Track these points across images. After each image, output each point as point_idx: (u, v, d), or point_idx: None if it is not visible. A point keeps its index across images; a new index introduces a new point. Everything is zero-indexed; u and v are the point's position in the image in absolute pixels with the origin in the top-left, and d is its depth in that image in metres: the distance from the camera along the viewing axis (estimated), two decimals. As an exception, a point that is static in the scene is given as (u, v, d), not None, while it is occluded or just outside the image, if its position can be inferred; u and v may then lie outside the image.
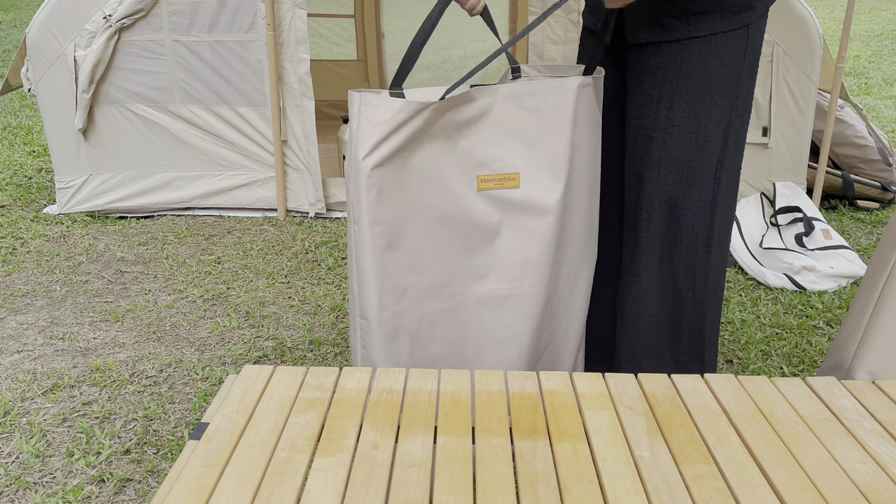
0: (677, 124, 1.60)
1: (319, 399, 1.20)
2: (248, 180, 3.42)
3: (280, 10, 3.16)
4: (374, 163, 1.41)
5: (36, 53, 3.19)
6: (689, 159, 1.62)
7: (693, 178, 1.63)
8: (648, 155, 1.64)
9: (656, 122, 1.61)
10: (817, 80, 3.16)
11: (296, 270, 2.92)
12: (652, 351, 1.78)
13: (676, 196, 1.64)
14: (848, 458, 1.07)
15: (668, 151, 1.61)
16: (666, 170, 1.63)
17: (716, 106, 1.59)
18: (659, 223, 1.67)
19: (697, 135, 1.60)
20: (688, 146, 1.61)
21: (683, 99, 1.58)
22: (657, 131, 1.62)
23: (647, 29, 1.58)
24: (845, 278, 2.78)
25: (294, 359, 2.31)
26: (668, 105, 1.59)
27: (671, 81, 1.59)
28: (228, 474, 1.02)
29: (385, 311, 1.51)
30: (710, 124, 1.60)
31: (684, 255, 1.69)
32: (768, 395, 1.23)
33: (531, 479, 1.01)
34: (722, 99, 1.59)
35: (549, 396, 1.22)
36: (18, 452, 1.88)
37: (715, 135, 1.61)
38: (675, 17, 1.55)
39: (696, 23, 1.55)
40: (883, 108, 5.55)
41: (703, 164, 1.62)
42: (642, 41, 1.59)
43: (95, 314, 2.58)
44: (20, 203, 3.58)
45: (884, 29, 9.58)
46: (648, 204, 1.66)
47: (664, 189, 1.64)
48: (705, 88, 1.58)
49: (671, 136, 1.60)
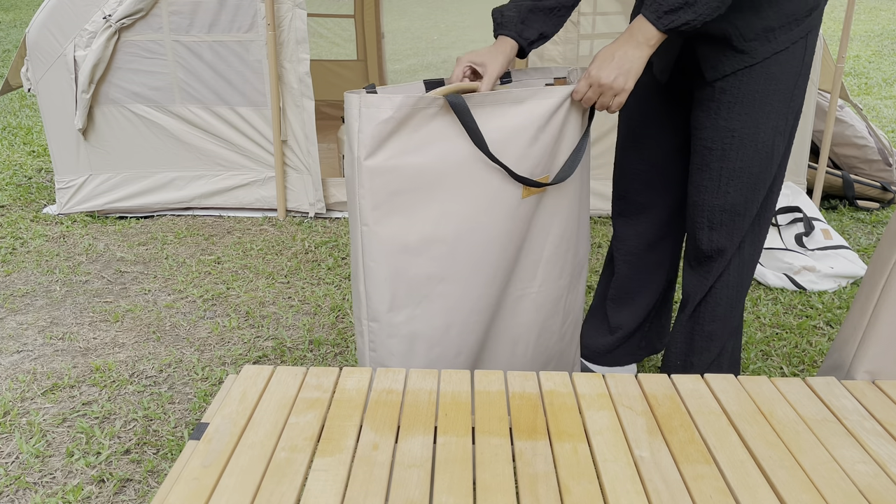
0: (737, 134, 1.59)
1: (319, 399, 1.19)
2: (248, 180, 3.42)
3: (280, 10, 3.16)
4: (379, 163, 1.40)
5: (36, 53, 3.19)
6: (749, 168, 1.61)
7: (754, 186, 1.63)
8: (709, 165, 1.64)
9: (715, 132, 1.61)
10: (817, 80, 3.16)
11: (296, 270, 2.92)
12: (717, 352, 1.81)
13: (740, 205, 1.65)
14: (848, 458, 1.07)
15: (728, 161, 1.61)
16: (727, 179, 1.62)
17: (774, 112, 1.57)
18: (722, 232, 1.68)
19: (756, 143, 1.59)
20: (747, 156, 1.60)
21: (744, 109, 1.57)
22: (716, 142, 1.61)
23: (729, 60, 1.55)
24: (845, 278, 2.78)
25: (294, 359, 2.31)
26: (727, 116, 1.58)
27: (731, 92, 1.57)
28: (228, 474, 1.01)
29: (398, 313, 1.50)
30: (768, 131, 1.58)
31: (747, 257, 1.72)
32: (768, 396, 1.23)
33: (531, 480, 1.01)
34: (780, 106, 1.57)
35: (549, 396, 1.22)
36: (18, 452, 1.88)
37: (773, 142, 1.60)
38: (755, 40, 1.52)
39: (776, 38, 1.52)
40: (883, 108, 5.55)
41: (762, 171, 1.62)
42: (726, 73, 1.56)
43: (95, 314, 2.58)
44: (20, 203, 3.58)
45: (884, 29, 9.58)
46: (710, 214, 1.67)
47: (726, 198, 1.64)
48: (765, 97, 1.56)
49: (731, 146, 1.60)
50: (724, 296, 1.75)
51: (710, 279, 1.74)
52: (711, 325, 1.77)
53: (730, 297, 1.75)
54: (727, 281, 1.74)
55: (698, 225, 1.70)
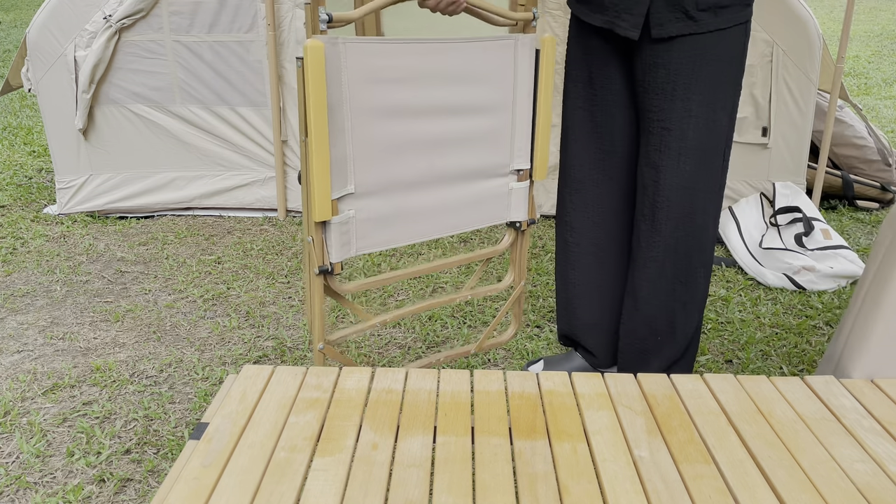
0: (694, 115, 1.68)
1: (319, 399, 1.20)
2: (249, 180, 3.42)
3: (280, 11, 3.16)
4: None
5: (36, 53, 3.19)
6: (703, 146, 1.71)
7: (706, 162, 1.72)
8: (668, 146, 1.71)
9: (672, 115, 1.69)
10: (817, 81, 3.16)
11: (296, 270, 2.92)
12: (666, 329, 1.85)
13: (692, 181, 1.73)
14: (846, 457, 1.08)
15: (687, 141, 1.70)
16: (685, 158, 1.71)
17: (724, 94, 1.69)
18: (676, 208, 1.75)
19: (709, 122, 1.69)
20: (701, 134, 1.70)
21: (699, 90, 1.67)
22: (675, 122, 1.69)
23: (677, 22, 1.64)
24: (845, 278, 2.78)
25: (294, 359, 2.31)
26: (685, 97, 1.67)
27: (685, 75, 1.66)
28: (228, 474, 1.02)
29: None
30: (718, 111, 1.69)
31: (698, 234, 1.78)
32: (767, 395, 1.23)
33: (530, 479, 1.01)
34: (729, 87, 1.69)
35: (548, 396, 1.22)
36: (19, 452, 1.88)
37: (722, 120, 1.71)
38: (706, 10, 1.63)
39: (723, 15, 1.64)
40: (883, 108, 5.55)
41: (713, 146, 1.72)
42: (672, 34, 1.65)
43: (95, 314, 2.58)
44: (20, 203, 3.58)
45: (883, 29, 9.57)
46: (668, 192, 1.74)
47: (682, 176, 1.72)
48: (718, 79, 1.67)
49: (689, 126, 1.69)
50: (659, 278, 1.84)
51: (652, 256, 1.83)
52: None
53: (665, 277, 1.83)
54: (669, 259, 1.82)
55: (658, 205, 1.76)
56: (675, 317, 1.86)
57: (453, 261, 1.87)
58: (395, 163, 1.65)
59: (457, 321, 2.52)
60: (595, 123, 1.85)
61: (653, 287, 1.84)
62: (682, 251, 1.79)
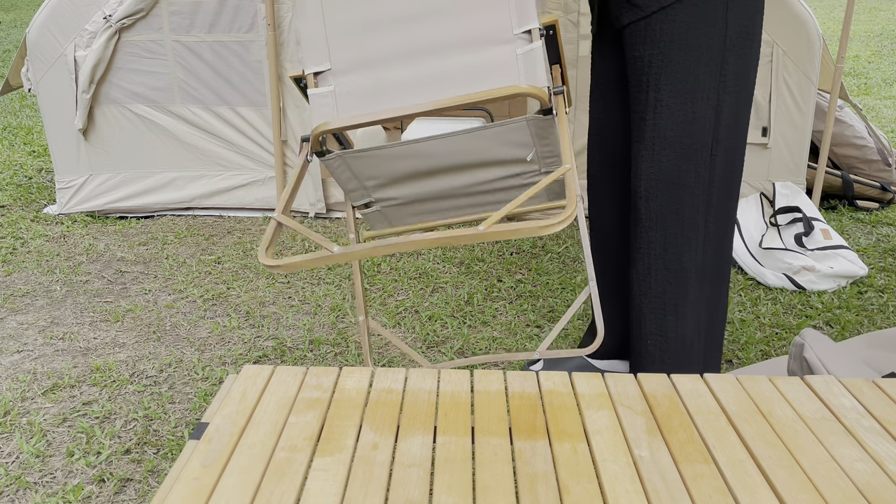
0: (665, 105, 1.69)
1: (319, 399, 1.20)
2: (248, 180, 3.42)
3: (280, 11, 3.16)
4: None
5: (36, 53, 3.20)
6: (681, 137, 1.70)
7: (688, 155, 1.71)
8: (642, 135, 1.73)
9: (643, 104, 1.71)
10: (817, 81, 3.16)
11: (296, 270, 2.92)
12: (656, 332, 1.83)
13: (674, 175, 1.72)
14: (846, 457, 1.08)
15: (659, 131, 1.70)
16: (660, 149, 1.71)
17: (700, 85, 1.68)
18: (659, 201, 1.75)
19: (685, 112, 1.69)
20: (678, 126, 1.69)
21: (668, 79, 1.68)
22: (647, 112, 1.71)
23: (625, 11, 1.69)
24: (845, 278, 2.79)
25: (294, 359, 2.31)
26: (655, 87, 1.69)
27: (656, 65, 1.69)
28: (228, 474, 1.02)
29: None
30: (697, 102, 1.69)
31: (687, 232, 1.75)
32: (767, 395, 1.23)
33: (530, 479, 1.02)
34: (706, 78, 1.68)
35: (548, 396, 1.22)
36: (18, 452, 1.88)
37: (704, 112, 1.69)
38: None
39: None
40: (883, 108, 5.56)
41: (695, 141, 1.70)
42: (624, 23, 1.70)
43: (95, 314, 2.58)
44: (20, 203, 3.58)
45: (883, 29, 9.58)
46: (647, 182, 1.74)
47: (659, 167, 1.72)
48: (688, 69, 1.67)
49: (661, 116, 1.69)
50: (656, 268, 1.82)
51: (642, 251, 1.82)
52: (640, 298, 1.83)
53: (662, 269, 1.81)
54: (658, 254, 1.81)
55: (639, 195, 1.77)
56: (664, 318, 1.82)
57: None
58: (372, 37, 1.58)
59: (457, 321, 2.52)
60: (600, 120, 1.95)
61: (639, 287, 1.82)
62: (672, 250, 1.77)
